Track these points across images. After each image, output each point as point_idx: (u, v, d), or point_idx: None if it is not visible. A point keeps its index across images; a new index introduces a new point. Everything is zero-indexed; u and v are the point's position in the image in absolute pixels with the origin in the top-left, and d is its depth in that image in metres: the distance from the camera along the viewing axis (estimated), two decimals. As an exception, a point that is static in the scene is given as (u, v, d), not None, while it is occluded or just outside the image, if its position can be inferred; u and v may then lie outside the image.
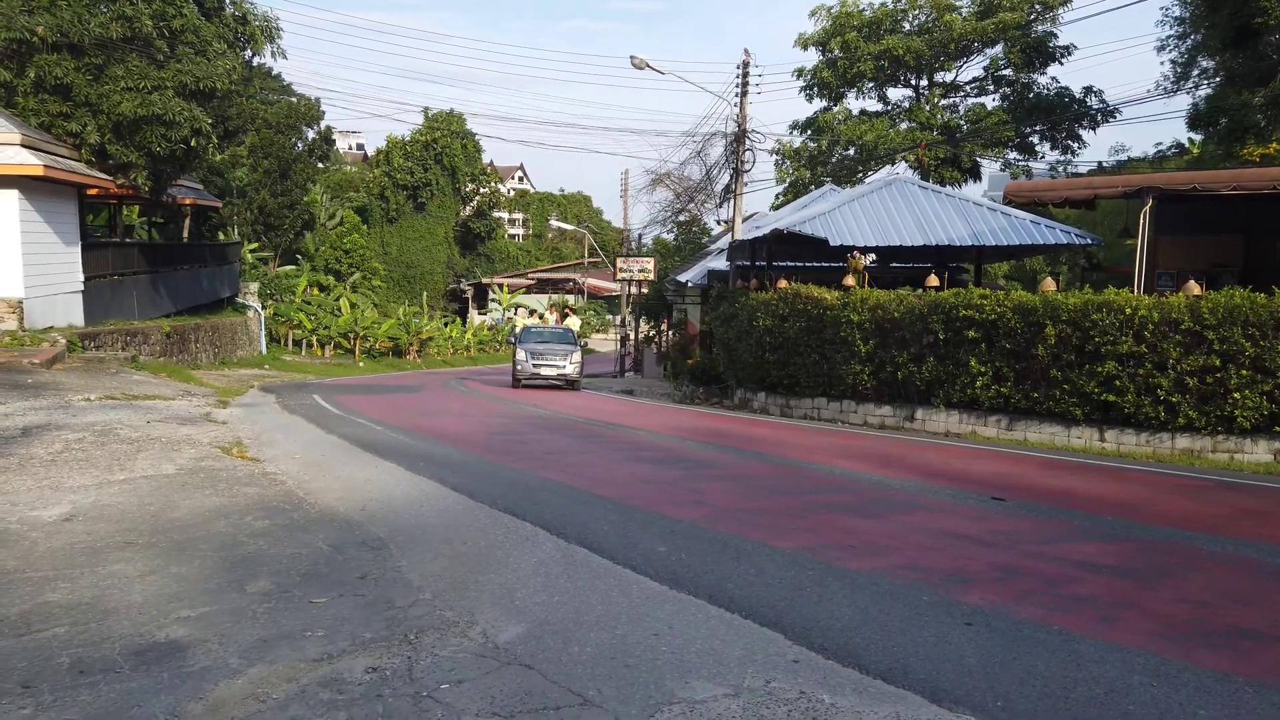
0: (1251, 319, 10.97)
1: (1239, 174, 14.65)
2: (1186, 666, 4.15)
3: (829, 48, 37.53)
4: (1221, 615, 4.97)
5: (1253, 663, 4.23)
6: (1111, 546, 6.56)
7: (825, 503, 8.07)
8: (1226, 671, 4.10)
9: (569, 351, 24.62)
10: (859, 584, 5.38)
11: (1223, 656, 4.31)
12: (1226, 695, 3.83)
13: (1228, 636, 4.63)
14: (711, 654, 4.20)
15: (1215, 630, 4.73)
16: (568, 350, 24.70)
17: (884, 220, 19.28)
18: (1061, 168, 37.17)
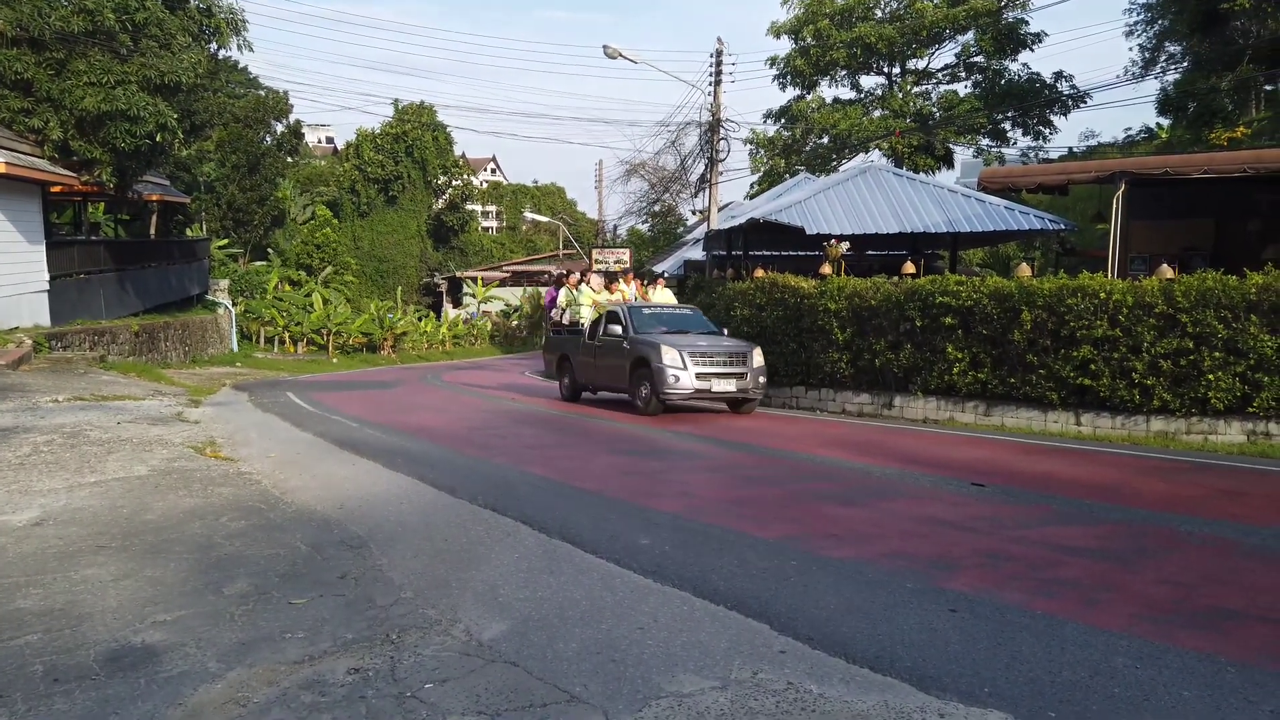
0: (1223, 301, 11.08)
1: (1211, 157, 14.80)
2: (1169, 648, 4.17)
3: (802, 35, 37.54)
4: (1202, 596, 5.00)
5: (1235, 642, 4.26)
6: (1092, 530, 6.60)
7: (807, 491, 8.07)
8: (1209, 652, 4.12)
9: (742, 351, 13.92)
10: (843, 573, 5.38)
11: (1205, 637, 4.34)
12: (1210, 675, 3.86)
13: (1209, 617, 4.66)
14: (698, 646, 4.17)
15: (1196, 611, 4.76)
16: (738, 349, 13.96)
17: (859, 208, 19.34)
18: (1033, 154, 37.47)
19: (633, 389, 14.28)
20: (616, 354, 14.80)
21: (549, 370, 18.84)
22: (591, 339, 15.84)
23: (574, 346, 16.59)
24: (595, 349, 15.65)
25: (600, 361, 15.48)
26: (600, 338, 15.42)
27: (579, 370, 16.23)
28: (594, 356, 15.74)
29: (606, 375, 15.32)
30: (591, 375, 15.91)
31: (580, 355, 16.18)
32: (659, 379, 13.54)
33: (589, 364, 15.89)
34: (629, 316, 15.10)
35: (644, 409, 13.92)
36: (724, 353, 13.90)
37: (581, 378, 16.22)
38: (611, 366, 14.99)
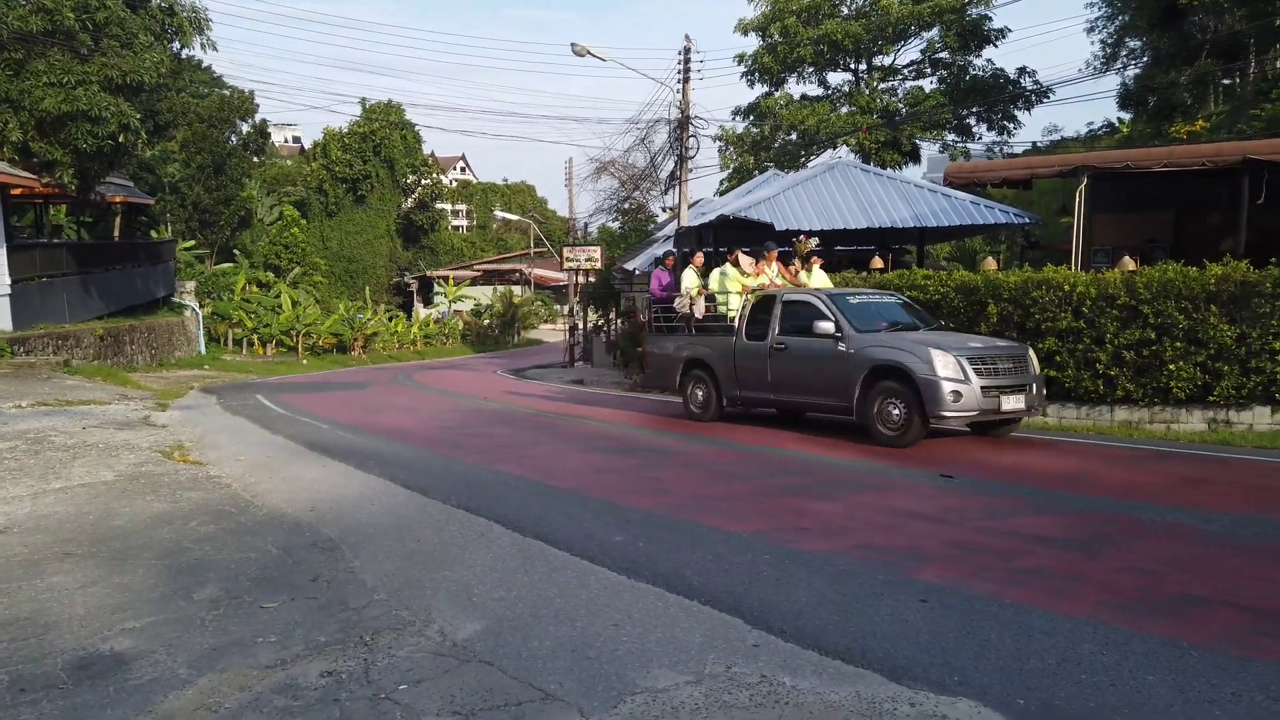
0: (1184, 292, 11.27)
1: (1170, 151, 15.05)
2: (1134, 634, 4.25)
3: (769, 33, 37.67)
4: (1166, 583, 5.10)
5: (1197, 628, 4.35)
6: (1059, 519, 6.70)
7: (779, 486, 8.12)
8: (1172, 637, 4.20)
9: (1020, 354, 10.61)
10: (815, 566, 5.42)
11: (1168, 623, 4.43)
12: (1173, 660, 3.94)
13: (1173, 603, 4.75)
14: (672, 642, 4.19)
15: (1160, 597, 4.86)
16: (1015, 351, 10.64)
17: (828, 204, 19.47)
18: (998, 148, 37.87)
19: (865, 409, 10.33)
20: (824, 361, 10.85)
21: (657, 379, 14.40)
22: (754, 338, 11.94)
23: (717, 349, 12.57)
24: (773, 353, 11.59)
25: (785, 369, 11.46)
26: (780, 337, 11.52)
27: (730, 380, 12.35)
28: (769, 363, 11.64)
29: (799, 388, 11.38)
30: (760, 387, 11.91)
31: (739, 360, 12.12)
32: (932, 396, 9.69)
33: (756, 372, 11.87)
34: (839, 309, 11.06)
35: (896, 438, 9.99)
36: (1005, 356, 10.33)
37: (739, 390, 12.27)
38: (813, 377, 11.06)
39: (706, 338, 12.92)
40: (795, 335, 11.40)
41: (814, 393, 11.21)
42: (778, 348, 11.57)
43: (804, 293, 12.00)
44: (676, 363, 13.36)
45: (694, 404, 13.10)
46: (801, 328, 11.31)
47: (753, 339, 12.00)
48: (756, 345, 11.90)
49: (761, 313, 12.01)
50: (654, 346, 14.17)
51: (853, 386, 10.47)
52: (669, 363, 13.56)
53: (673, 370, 13.42)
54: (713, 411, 12.76)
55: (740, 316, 12.30)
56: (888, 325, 11.16)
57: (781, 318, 11.68)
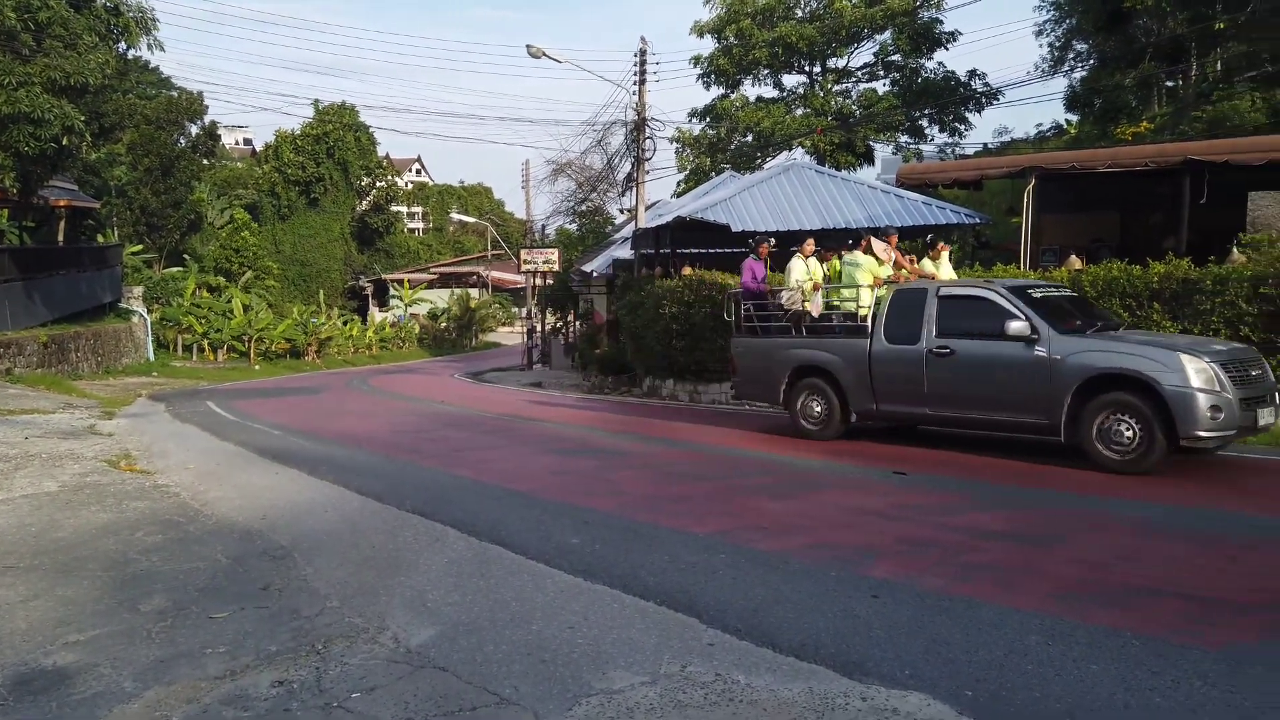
0: (1129, 290, 11.54)
1: (1115, 152, 15.40)
2: (1079, 624, 4.34)
3: (725, 35, 37.87)
4: (1111, 574, 5.22)
5: (1140, 617, 4.46)
6: (1008, 514, 6.82)
7: (736, 486, 8.16)
8: (1116, 627, 4.30)
9: (1256, 358, 9.00)
10: (771, 564, 5.46)
11: (1112, 613, 4.53)
12: (1116, 649, 4.03)
13: (1116, 593, 4.86)
14: (628, 643, 4.20)
15: (1105, 588, 4.96)
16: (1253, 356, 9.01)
17: (783, 205, 19.62)
18: (950, 150, 38.44)
19: (1079, 428, 8.50)
20: (1012, 370, 8.95)
21: (751, 389, 12.03)
22: (899, 341, 9.93)
23: (843, 353, 10.53)
24: (931, 359, 9.57)
25: (951, 379, 9.46)
26: (942, 340, 9.52)
27: (861, 391, 10.32)
28: (925, 371, 9.62)
29: (972, 402, 9.35)
30: (909, 400, 9.90)
31: (877, 368, 10.14)
32: (1186, 412, 7.90)
33: (904, 381, 9.87)
34: (1028, 306, 9.09)
35: (1128, 462, 8.18)
36: (1252, 361, 8.71)
37: (876, 403, 10.26)
38: (995, 388, 9.10)
39: (824, 339, 10.92)
40: (964, 338, 9.36)
41: (996, 408, 9.16)
42: (939, 353, 9.49)
43: (971, 285, 9.96)
44: (782, 369, 11.13)
45: (807, 419, 10.92)
46: (975, 328, 9.32)
47: (897, 342, 9.95)
48: (903, 350, 9.84)
49: (906, 310, 9.97)
50: (745, 350, 12.02)
51: (1059, 400, 8.53)
52: (769, 370, 11.32)
53: (775, 379, 11.20)
54: (834, 428, 10.64)
55: (875, 314, 10.32)
56: (1081, 324, 9.26)
57: (940, 316, 9.64)
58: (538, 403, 18.12)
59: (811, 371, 10.94)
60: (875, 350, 10.23)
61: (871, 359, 10.23)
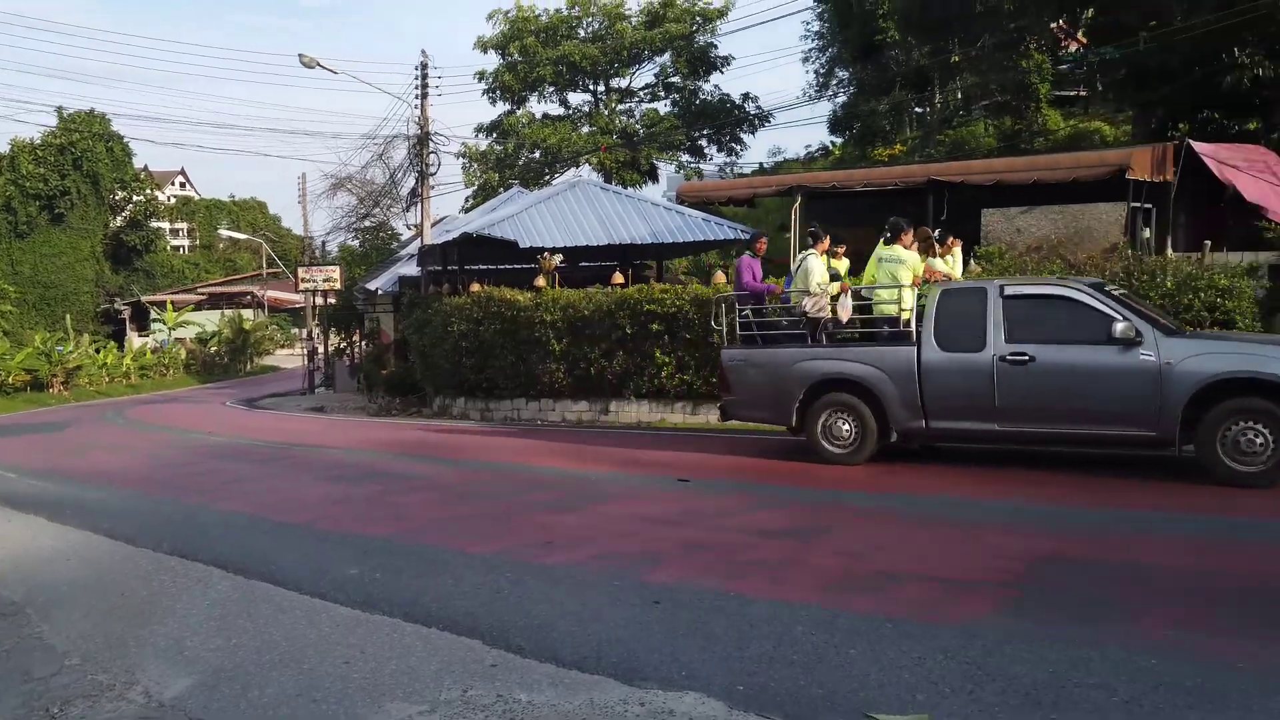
0: (885, 299, 12.50)
1: (870, 173, 16.73)
2: (840, 612, 4.64)
3: (509, 51, 37.90)
4: (870, 563, 5.62)
5: (894, 601, 4.83)
6: (782, 512, 7.21)
7: (525, 503, 8.12)
8: (873, 613, 4.63)
9: None
10: (556, 579, 5.47)
11: (871, 599, 4.87)
12: (872, 632, 4.33)
13: (874, 580, 5.24)
14: (407, 673, 4.07)
15: (865, 576, 5.34)
16: None
17: (570, 221, 19.81)
18: (729, 168, 40.34)
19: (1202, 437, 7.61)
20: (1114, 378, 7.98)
21: (751, 408, 10.33)
22: (955, 349, 8.70)
23: (883, 363, 9.10)
24: (1004, 368, 8.37)
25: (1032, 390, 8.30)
26: (1017, 346, 8.33)
27: (907, 407, 8.91)
28: (996, 381, 8.42)
29: (1060, 415, 8.27)
30: (974, 414, 8.62)
31: (930, 380, 8.82)
32: None
33: (966, 394, 8.62)
34: (1118, 307, 8.19)
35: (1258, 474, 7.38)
36: None
37: (926, 420, 8.88)
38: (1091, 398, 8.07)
39: (853, 348, 9.55)
40: (1044, 343, 8.31)
41: (1089, 420, 8.16)
42: (1015, 360, 8.33)
43: (1047, 284, 8.95)
44: (796, 385, 9.52)
45: (834, 441, 9.32)
46: (1057, 332, 8.33)
47: (953, 349, 8.72)
48: (964, 358, 8.61)
49: (960, 312, 8.77)
50: (744, 363, 10.18)
51: (1172, 409, 7.69)
52: (779, 386, 9.68)
53: (786, 396, 9.58)
54: (868, 450, 9.16)
55: (923, 318, 9.01)
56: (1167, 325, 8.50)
57: (1010, 320, 8.49)
58: (319, 428, 17.27)
59: (837, 386, 9.34)
60: (927, 359, 8.79)
61: (922, 370, 8.80)
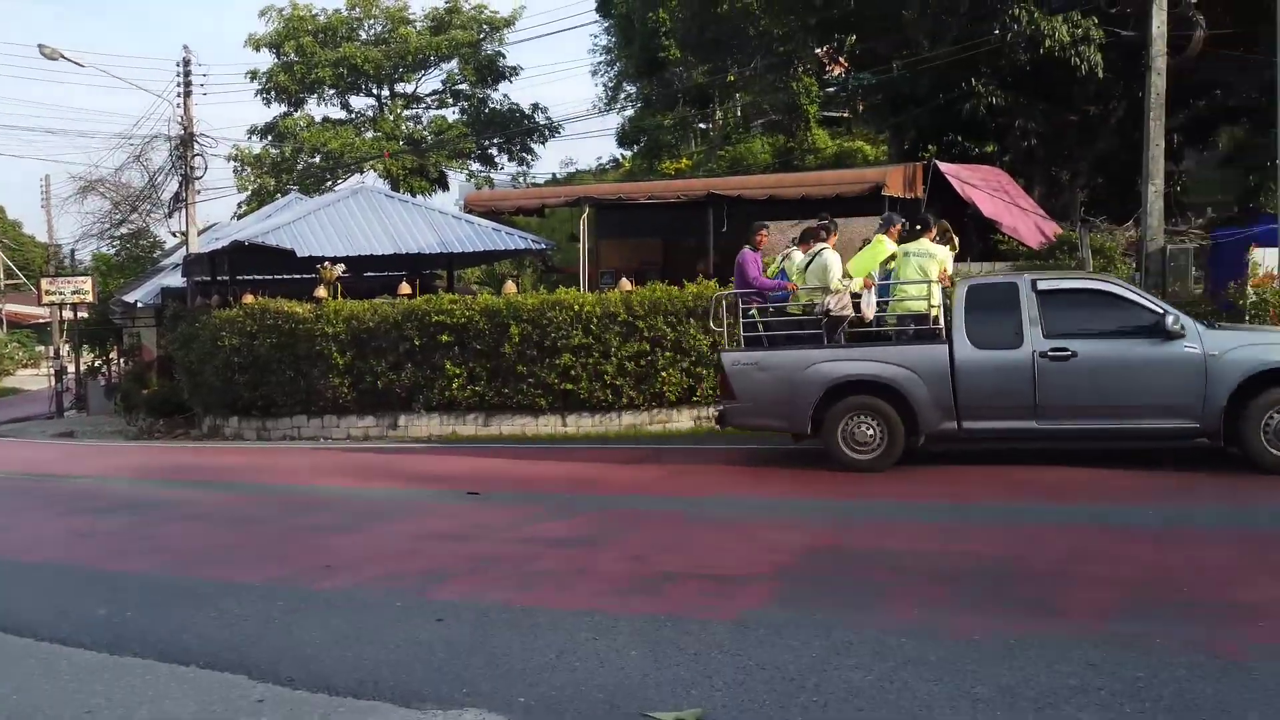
0: (669, 309, 12.94)
1: (654, 186, 17.25)
2: (623, 616, 4.73)
3: (284, 51, 36.04)
4: (652, 565, 5.77)
5: (673, 600, 4.98)
6: (571, 521, 7.26)
7: (303, 526, 7.72)
8: (653, 613, 4.75)
9: None
10: (334, 604, 5.23)
11: (653, 600, 5.00)
12: (652, 632, 4.44)
13: (655, 582, 5.38)
14: (160, 718, 3.75)
15: (649, 579, 5.47)
16: None
17: (353, 230, 19.08)
18: (521, 178, 40.31)
19: (1242, 427, 7.78)
20: (1157, 371, 8.07)
21: (758, 415, 9.49)
22: (990, 345, 8.46)
23: (913, 362, 8.73)
24: (1045, 364, 8.21)
25: (1074, 386, 8.24)
26: (1058, 342, 8.21)
27: (938, 408, 8.56)
28: (1036, 378, 8.25)
29: (1103, 411, 8.27)
30: (1011, 413, 8.44)
31: (965, 379, 8.48)
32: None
33: (1004, 393, 8.39)
34: (1157, 301, 8.55)
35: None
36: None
37: (960, 421, 8.58)
38: (1135, 393, 8.08)
39: (876, 348, 9.17)
40: (1085, 338, 8.26)
41: (1133, 415, 8.19)
42: (1056, 355, 8.21)
43: (1084, 279, 9.27)
44: (812, 388, 8.88)
45: (855, 448, 8.78)
46: (1097, 327, 8.34)
47: (987, 346, 8.49)
48: (1000, 355, 8.42)
49: (991, 308, 8.61)
50: (751, 366, 9.37)
51: (1216, 401, 7.83)
52: (792, 389, 8.98)
53: (800, 400, 8.93)
54: (895, 454, 8.75)
55: (954, 313, 8.68)
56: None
57: (1046, 315, 8.38)
58: (68, 455, 15.66)
59: (859, 388, 8.88)
60: (961, 357, 8.50)
61: (956, 368, 8.50)
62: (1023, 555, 5.73)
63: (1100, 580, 5.08)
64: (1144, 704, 3.42)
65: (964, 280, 9.24)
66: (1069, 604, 4.70)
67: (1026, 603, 4.78)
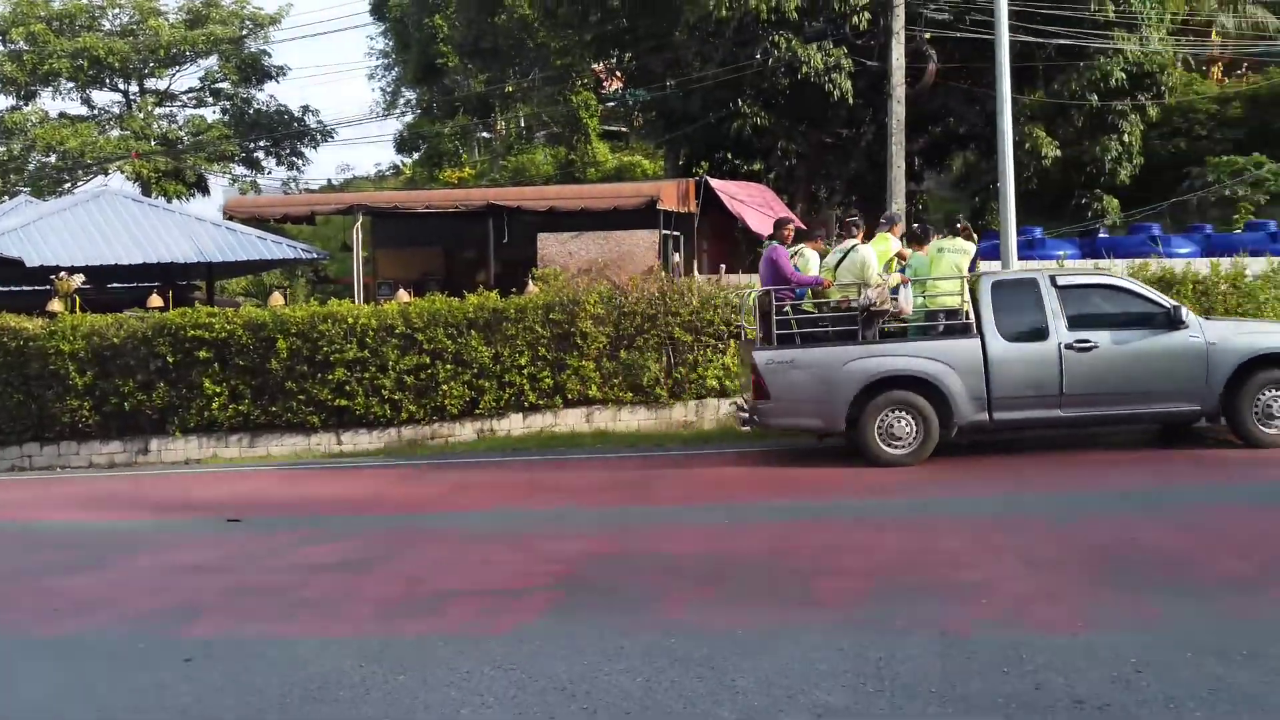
0: (450, 320, 12.66)
1: (432, 195, 16.89)
2: (393, 640, 4.57)
3: (10, 37, 32.31)
4: (427, 584, 5.60)
5: (446, 619, 4.87)
6: (341, 544, 6.92)
7: (27, 567, 6.88)
8: (425, 634, 4.62)
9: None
10: (61, 652, 4.70)
11: (424, 621, 4.86)
12: (425, 655, 4.31)
13: (430, 602, 5.23)
14: None
15: (421, 599, 5.31)
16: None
17: (96, 237, 17.40)
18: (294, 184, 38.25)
19: (1237, 406, 8.64)
20: (1167, 359, 8.75)
21: (792, 415, 9.22)
22: (1019, 338, 8.81)
23: (949, 356, 8.84)
24: (1070, 355, 8.68)
25: (1095, 374, 8.74)
26: (1080, 334, 8.73)
27: (974, 400, 8.73)
28: (1062, 369, 8.71)
29: (1118, 397, 8.82)
30: (1038, 402, 8.83)
31: (998, 370, 8.75)
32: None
33: (1033, 383, 8.78)
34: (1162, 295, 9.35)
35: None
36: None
37: (992, 412, 8.78)
38: (1148, 379, 8.74)
39: (914, 343, 9.26)
40: (1103, 329, 8.83)
41: (1145, 400, 8.83)
42: (1080, 347, 8.70)
43: (1098, 275, 10.03)
44: (848, 384, 8.85)
45: (892, 443, 8.82)
46: (1113, 319, 8.96)
47: (1016, 339, 8.84)
48: (1029, 348, 8.80)
49: (1016, 303, 9.00)
50: (787, 364, 9.07)
51: (1215, 385, 8.63)
52: (829, 386, 8.90)
53: (837, 397, 8.87)
54: (929, 447, 8.81)
55: (980, 308, 8.95)
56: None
57: (1068, 308, 8.88)
58: None
59: (897, 384, 8.92)
60: (994, 350, 8.78)
61: (989, 361, 8.77)
62: (787, 550, 6.05)
63: (853, 570, 5.47)
64: (883, 683, 3.71)
65: (986, 275, 9.59)
66: (825, 594, 5.02)
67: (787, 595, 5.05)
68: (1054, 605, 4.60)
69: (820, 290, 9.36)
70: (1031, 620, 4.38)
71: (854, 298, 9.05)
